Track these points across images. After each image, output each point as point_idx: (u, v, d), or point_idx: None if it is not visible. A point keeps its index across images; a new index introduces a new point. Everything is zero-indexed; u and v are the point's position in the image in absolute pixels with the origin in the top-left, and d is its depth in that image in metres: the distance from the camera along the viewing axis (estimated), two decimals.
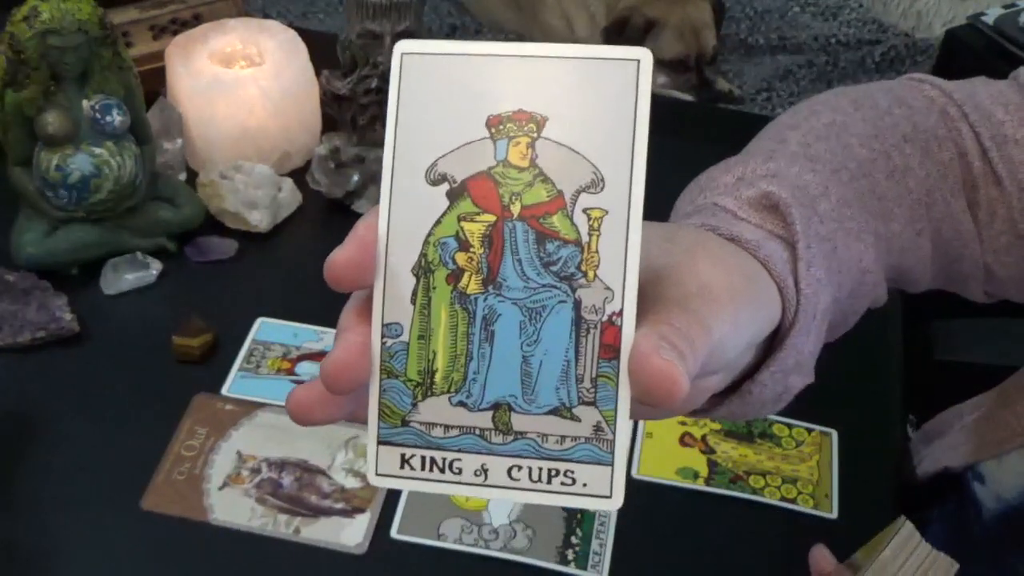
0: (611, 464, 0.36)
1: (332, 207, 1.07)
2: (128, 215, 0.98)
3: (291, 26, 1.14)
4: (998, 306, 1.05)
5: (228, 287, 1.00)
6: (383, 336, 0.37)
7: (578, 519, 0.83)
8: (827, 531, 0.83)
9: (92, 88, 0.94)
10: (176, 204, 1.01)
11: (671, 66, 2.09)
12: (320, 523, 0.81)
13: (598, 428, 0.36)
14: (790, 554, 0.79)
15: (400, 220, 0.36)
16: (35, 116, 0.92)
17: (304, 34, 1.13)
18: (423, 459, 0.37)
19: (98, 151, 0.94)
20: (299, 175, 1.08)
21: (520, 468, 0.36)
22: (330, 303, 1.14)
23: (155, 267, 0.99)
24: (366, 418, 0.37)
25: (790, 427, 0.91)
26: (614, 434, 0.36)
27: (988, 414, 0.85)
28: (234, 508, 0.82)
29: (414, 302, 0.37)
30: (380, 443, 0.37)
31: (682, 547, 0.83)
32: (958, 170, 0.62)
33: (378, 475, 0.37)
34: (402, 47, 0.37)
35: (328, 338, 0.94)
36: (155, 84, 1.08)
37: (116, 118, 0.94)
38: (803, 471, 0.87)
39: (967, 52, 1.81)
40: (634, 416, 0.38)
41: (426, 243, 0.36)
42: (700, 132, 1.27)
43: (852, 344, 1.01)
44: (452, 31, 2.23)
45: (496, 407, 0.36)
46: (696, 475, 0.87)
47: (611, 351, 0.36)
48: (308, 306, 0.97)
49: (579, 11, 2.16)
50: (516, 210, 0.36)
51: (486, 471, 0.36)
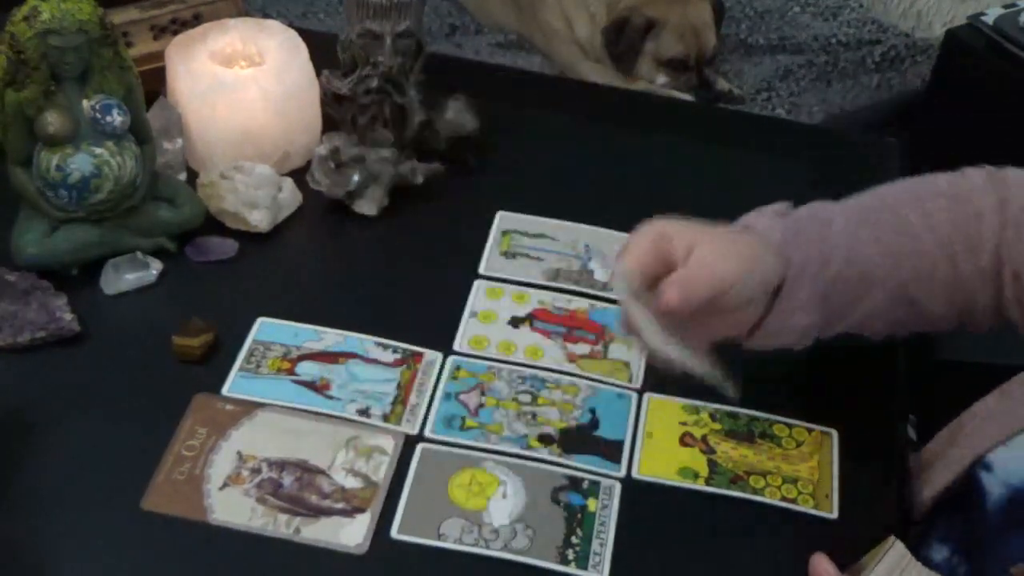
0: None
1: (332, 207, 1.07)
2: (128, 215, 0.98)
3: (291, 26, 1.13)
4: None
5: (228, 287, 1.00)
6: None
7: (578, 519, 0.83)
8: (827, 531, 0.83)
9: (92, 88, 0.94)
10: (176, 204, 1.01)
11: (671, 66, 2.09)
12: (320, 523, 0.81)
13: None
14: (790, 554, 0.80)
15: None
16: (35, 116, 0.92)
17: (304, 34, 1.13)
18: None
19: (98, 151, 0.94)
20: (299, 175, 1.08)
21: None
22: (330, 303, 1.14)
23: (155, 267, 0.99)
24: None
25: (790, 427, 0.91)
26: None
27: (990, 412, 0.85)
28: (234, 508, 0.82)
29: None
30: None
31: (682, 547, 0.83)
32: (992, 231, 0.82)
33: None
34: None
35: (328, 338, 0.94)
36: (155, 84, 1.08)
37: (116, 118, 0.94)
38: (803, 471, 0.87)
39: (967, 52, 1.80)
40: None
41: None
42: (700, 132, 1.27)
43: (852, 344, 1.01)
44: (452, 31, 2.22)
45: None
46: (696, 475, 0.87)
47: None
48: (308, 306, 0.98)
49: (579, 11, 2.16)
50: None
51: None
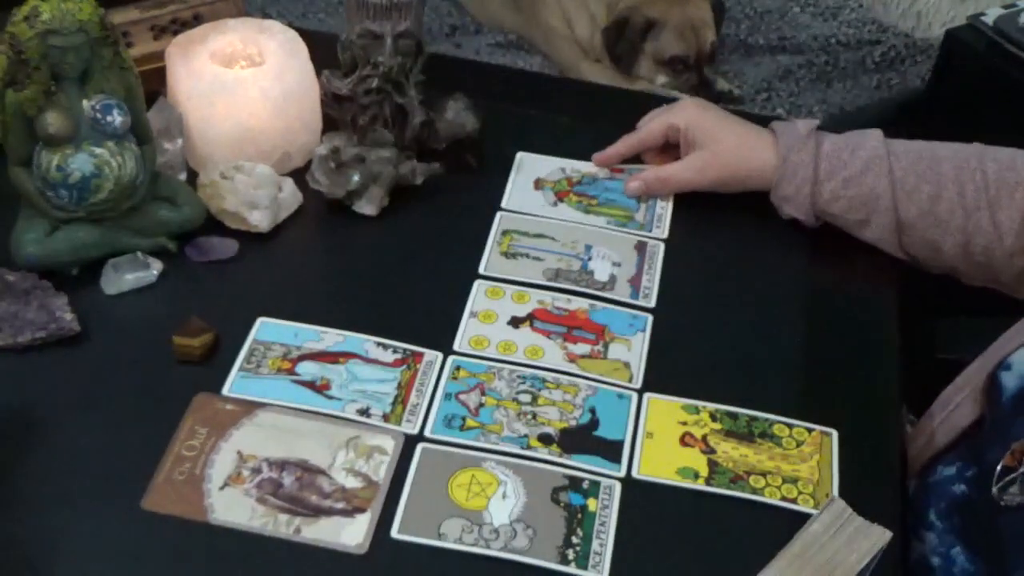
0: None
1: (332, 207, 1.07)
2: (128, 215, 0.98)
3: (291, 26, 1.13)
4: (999, 305, 1.05)
5: (228, 287, 1.00)
6: None
7: (578, 519, 0.83)
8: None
9: (92, 88, 0.94)
10: (176, 204, 1.01)
11: (671, 66, 2.09)
12: (320, 523, 0.81)
13: None
14: None
15: None
16: (35, 116, 0.92)
17: (304, 34, 1.13)
18: None
19: (98, 151, 0.94)
20: (299, 175, 1.08)
21: None
22: (330, 303, 1.14)
23: (155, 267, 0.99)
24: None
25: (790, 427, 0.91)
26: None
27: (1017, 327, 0.88)
28: (234, 508, 0.82)
29: None
30: None
31: (682, 547, 0.83)
32: None
33: None
34: None
35: (328, 338, 0.94)
36: (155, 84, 1.08)
37: (116, 118, 0.94)
38: (803, 471, 0.87)
39: (967, 52, 1.80)
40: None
41: None
42: None
43: (852, 344, 1.01)
44: (452, 31, 2.22)
45: None
46: (696, 475, 0.87)
47: None
48: (309, 306, 0.98)
49: (579, 11, 2.16)
50: None
51: None
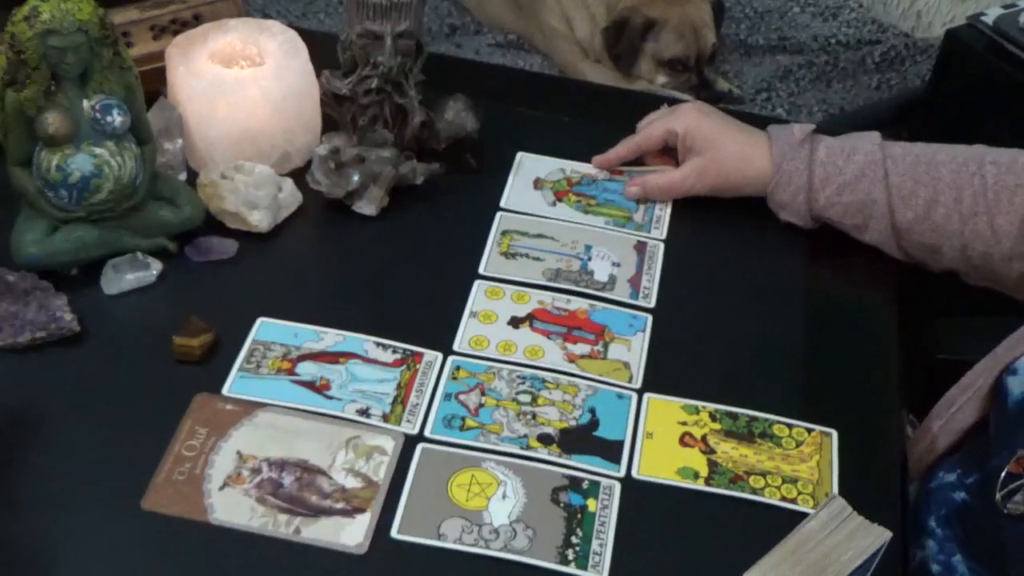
0: None
1: (332, 207, 1.07)
2: (128, 215, 0.98)
3: (291, 26, 1.13)
4: (1001, 305, 1.05)
5: (228, 287, 1.00)
6: None
7: (578, 519, 0.83)
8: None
9: (92, 88, 0.94)
10: (176, 204, 1.01)
11: (671, 66, 2.09)
12: (320, 523, 0.81)
13: None
14: None
15: None
16: (35, 116, 0.92)
17: (304, 34, 1.13)
18: None
19: (98, 151, 0.94)
20: (299, 175, 1.08)
21: None
22: (330, 303, 1.14)
23: (155, 267, 0.99)
24: None
25: (790, 427, 0.91)
26: None
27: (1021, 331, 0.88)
28: (234, 508, 0.82)
29: None
30: None
31: (682, 547, 0.83)
32: None
33: None
34: None
35: (328, 338, 0.94)
36: (155, 84, 1.08)
37: (116, 118, 0.94)
38: (803, 471, 0.87)
39: (967, 52, 1.80)
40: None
41: None
42: None
43: (852, 344, 1.01)
44: (452, 31, 2.22)
45: None
46: (696, 475, 0.87)
47: None
48: (308, 306, 0.98)
49: (579, 11, 2.16)
50: None
51: None
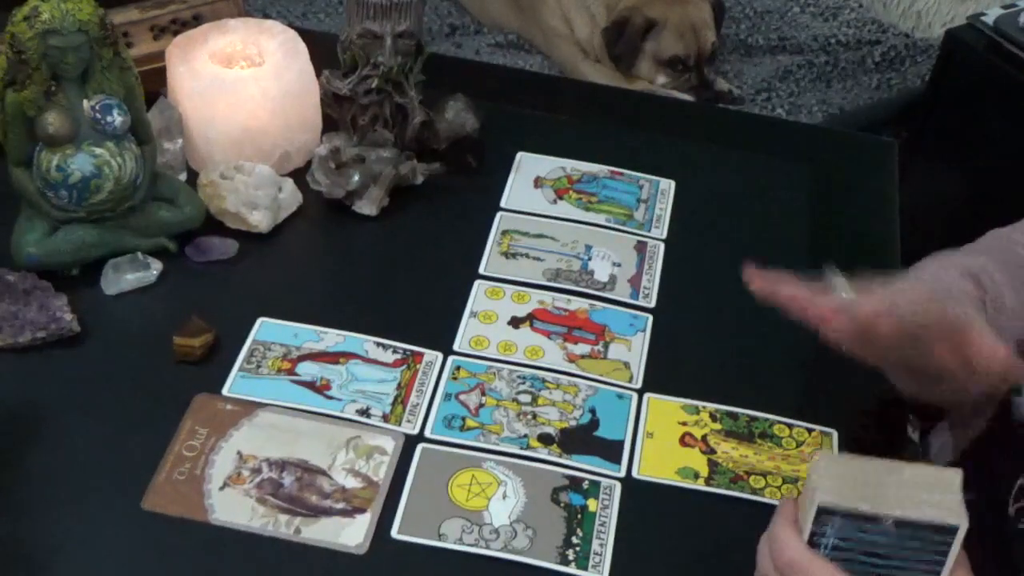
0: None
1: (332, 207, 1.07)
2: (128, 215, 0.98)
3: (291, 26, 1.14)
4: None
5: (228, 287, 1.00)
6: None
7: (578, 519, 0.83)
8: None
9: (92, 88, 0.94)
10: (176, 204, 1.01)
11: (671, 66, 2.09)
12: (320, 523, 0.81)
13: None
14: None
15: None
16: (35, 116, 0.92)
17: (304, 34, 1.13)
18: None
19: (98, 151, 0.94)
20: (299, 175, 1.08)
21: None
22: (330, 303, 1.14)
23: (156, 267, 0.99)
24: None
25: (790, 427, 0.91)
26: None
27: None
28: (234, 508, 0.82)
29: None
30: None
31: (682, 547, 0.83)
32: None
33: None
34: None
35: (328, 338, 0.94)
36: (155, 84, 1.08)
37: (116, 118, 0.94)
38: (803, 471, 0.87)
39: (967, 52, 1.80)
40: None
41: None
42: (700, 132, 1.27)
43: None
44: (452, 31, 2.22)
45: None
46: (696, 475, 0.87)
47: None
48: (309, 306, 0.98)
49: (579, 11, 2.16)
50: None
51: None
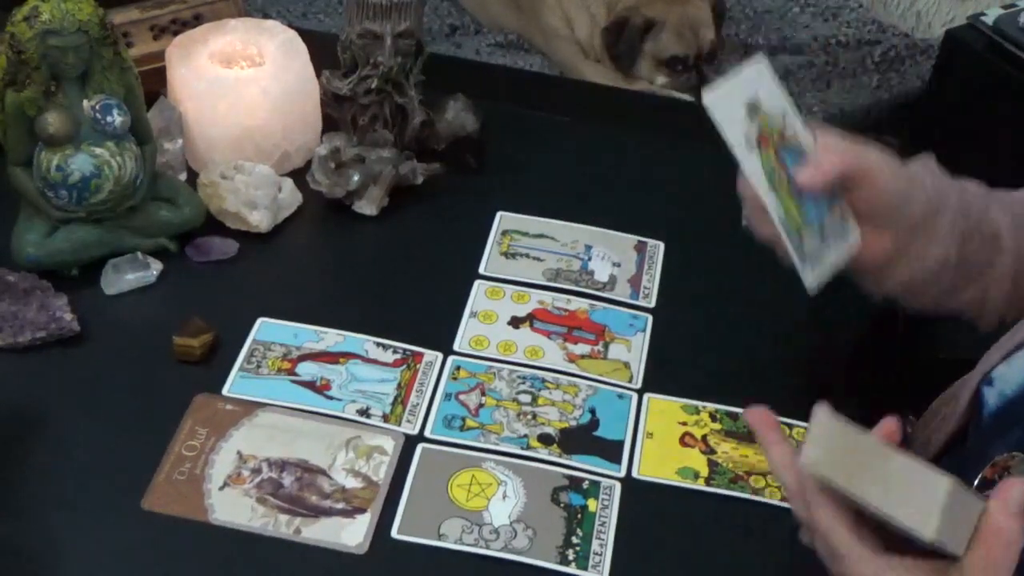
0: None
1: (332, 207, 1.07)
2: (129, 215, 0.98)
3: (291, 26, 1.14)
4: None
5: (228, 287, 1.00)
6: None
7: (578, 519, 0.83)
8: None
9: (92, 88, 0.94)
10: (176, 204, 1.01)
11: (671, 66, 2.09)
12: (320, 523, 0.81)
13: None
14: (790, 554, 0.79)
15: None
16: (35, 116, 0.92)
17: (304, 34, 1.13)
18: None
19: (98, 151, 0.94)
20: (299, 175, 1.08)
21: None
22: (330, 303, 1.14)
23: (155, 267, 0.99)
24: None
25: (790, 427, 0.91)
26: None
27: (1000, 342, 0.86)
28: (234, 508, 0.82)
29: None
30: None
31: (682, 547, 0.83)
32: None
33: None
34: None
35: (328, 338, 0.94)
36: (155, 84, 1.08)
37: (116, 118, 0.94)
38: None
39: (967, 52, 1.80)
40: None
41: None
42: (700, 132, 1.26)
43: (852, 343, 1.01)
44: (452, 31, 2.22)
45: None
46: (696, 475, 0.87)
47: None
48: (309, 306, 0.98)
49: (579, 11, 2.16)
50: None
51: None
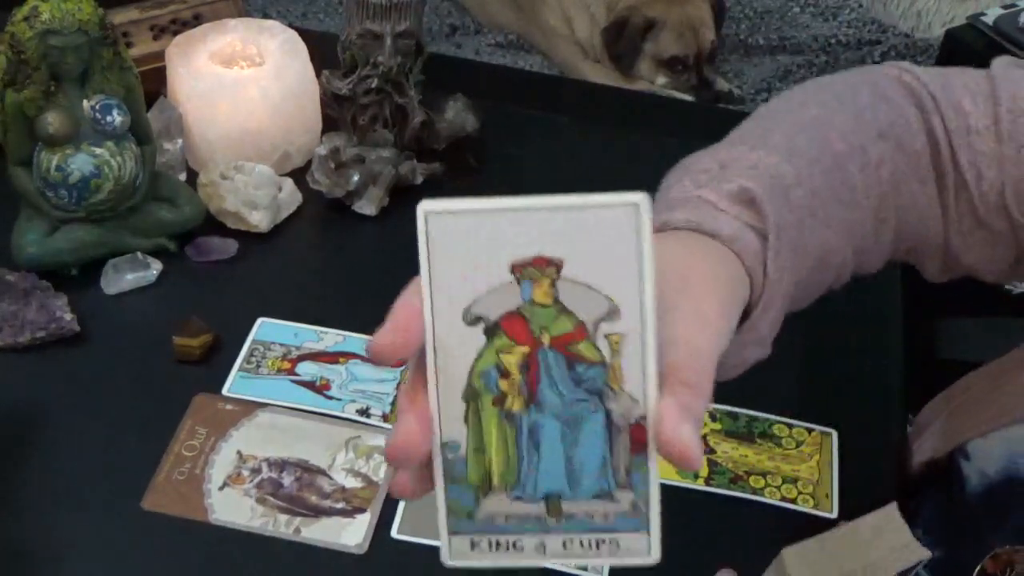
0: (648, 530, 0.44)
1: (332, 207, 1.07)
2: (128, 215, 0.98)
3: (291, 26, 1.14)
4: (1001, 305, 1.05)
5: (228, 287, 1.00)
6: (443, 452, 0.43)
7: None
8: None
9: (92, 88, 0.94)
10: (176, 204, 1.01)
11: (671, 66, 2.09)
12: (320, 523, 0.81)
13: (635, 505, 0.44)
14: None
15: (446, 358, 0.43)
16: (35, 116, 0.92)
17: (304, 34, 1.13)
18: (490, 542, 0.45)
19: (98, 151, 0.94)
20: (299, 175, 1.08)
21: (572, 541, 0.44)
22: (330, 303, 1.14)
23: (155, 267, 0.99)
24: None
25: (790, 427, 0.91)
26: (647, 508, 0.44)
27: (978, 396, 0.85)
28: (234, 508, 0.82)
29: (467, 422, 0.43)
30: (451, 533, 0.45)
31: (682, 547, 0.83)
32: (928, 159, 0.68)
33: (452, 559, 0.45)
34: (425, 207, 0.42)
35: (328, 338, 0.94)
36: (155, 84, 1.08)
37: (116, 118, 0.94)
38: (803, 471, 0.87)
39: (967, 52, 1.80)
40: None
41: (471, 374, 0.43)
42: (700, 132, 1.26)
43: (852, 344, 1.01)
44: (452, 31, 2.23)
45: (548, 498, 0.44)
46: (696, 475, 0.87)
47: (640, 447, 0.43)
48: (308, 306, 0.98)
49: (579, 11, 2.16)
50: (546, 340, 0.43)
51: (544, 546, 0.44)
